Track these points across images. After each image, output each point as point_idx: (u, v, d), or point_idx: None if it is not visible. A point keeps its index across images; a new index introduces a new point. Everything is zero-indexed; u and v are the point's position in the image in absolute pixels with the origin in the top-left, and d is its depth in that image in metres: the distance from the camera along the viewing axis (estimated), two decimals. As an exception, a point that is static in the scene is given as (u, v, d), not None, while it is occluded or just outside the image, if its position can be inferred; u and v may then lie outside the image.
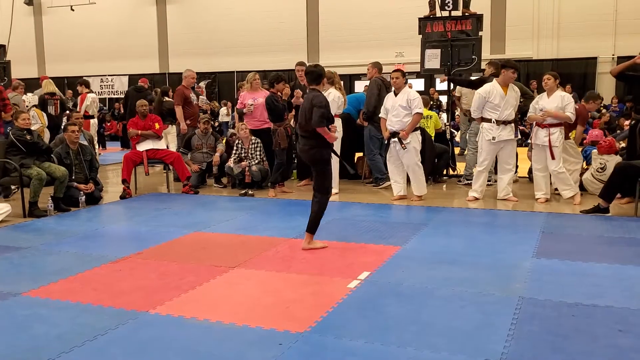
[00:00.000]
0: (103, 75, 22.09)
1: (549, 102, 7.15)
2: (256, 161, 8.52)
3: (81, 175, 7.58)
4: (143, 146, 8.55)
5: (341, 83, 8.64)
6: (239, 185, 8.58)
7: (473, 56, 9.08)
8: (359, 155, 9.60)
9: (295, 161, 9.27)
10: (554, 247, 5.21)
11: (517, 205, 7.15)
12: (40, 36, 23.34)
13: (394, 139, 7.38)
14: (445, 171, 9.47)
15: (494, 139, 7.23)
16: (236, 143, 8.72)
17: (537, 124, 7.22)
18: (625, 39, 16.00)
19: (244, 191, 8.20)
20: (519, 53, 17.22)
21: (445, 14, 9.46)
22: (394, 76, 7.49)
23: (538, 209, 6.93)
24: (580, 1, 16.66)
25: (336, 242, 5.44)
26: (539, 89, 13.88)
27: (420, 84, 18.32)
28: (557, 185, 7.29)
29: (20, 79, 11.37)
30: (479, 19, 9.44)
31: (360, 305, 3.87)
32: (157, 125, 8.78)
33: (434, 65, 9.37)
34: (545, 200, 7.27)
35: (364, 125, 8.65)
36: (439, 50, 9.32)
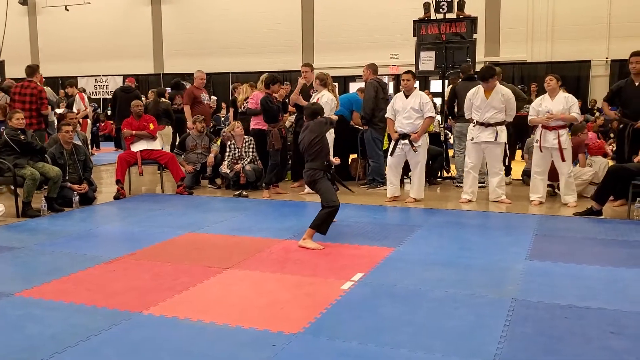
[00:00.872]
0: (97, 76, 22.02)
1: (553, 105, 7.14)
2: (249, 159, 8.52)
3: (75, 175, 7.56)
4: (137, 147, 8.53)
5: (334, 85, 8.64)
6: (233, 186, 8.58)
7: (467, 58, 9.11)
8: (353, 157, 9.61)
9: (290, 162, 9.27)
10: (547, 249, 5.23)
11: (511, 208, 7.18)
12: (34, 36, 23.24)
13: (404, 141, 7.41)
14: (439, 173, 9.49)
15: (472, 139, 7.36)
16: (229, 144, 8.71)
17: (544, 127, 7.20)
18: (619, 42, 16.07)
19: (238, 192, 8.19)
20: (513, 56, 17.30)
21: (440, 16, 9.49)
22: (405, 78, 7.55)
23: (531, 211, 6.95)
24: (575, 4, 16.73)
25: (330, 244, 5.44)
26: (539, 91, 13.95)
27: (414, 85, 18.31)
28: (564, 189, 7.23)
29: (13, 79, 11.34)
30: (473, 21, 9.48)
31: (353, 306, 3.87)
32: (152, 126, 8.76)
33: (428, 68, 9.40)
34: (539, 202, 7.29)
35: (361, 128, 8.66)
36: (434, 52, 9.35)
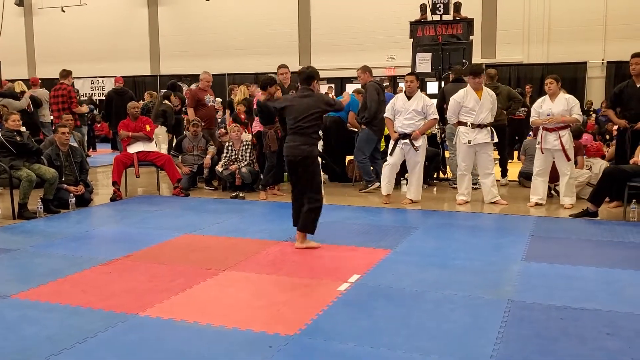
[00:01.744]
0: (94, 77, 21.99)
1: (554, 106, 7.13)
2: (245, 162, 8.52)
3: (71, 177, 7.54)
4: (134, 148, 8.52)
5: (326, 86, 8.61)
6: (230, 188, 8.58)
7: (464, 60, 9.13)
8: (350, 158, 9.60)
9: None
10: (543, 251, 5.24)
11: (507, 209, 7.19)
12: (30, 37, 23.22)
13: (405, 141, 7.43)
14: (435, 174, 9.50)
15: (469, 142, 7.33)
16: (226, 146, 8.71)
17: (545, 129, 7.19)
18: (615, 44, 16.13)
19: (234, 194, 8.19)
20: (509, 57, 17.35)
21: (437, 18, 9.51)
22: (409, 80, 7.55)
23: (527, 213, 6.96)
24: (571, 6, 16.78)
25: (326, 245, 5.45)
26: (534, 93, 13.99)
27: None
28: (563, 191, 7.23)
29: (10, 80, 11.34)
30: (469, 23, 9.51)
31: (350, 308, 3.87)
32: (148, 127, 8.75)
33: (425, 69, 9.43)
34: (535, 204, 7.30)
35: (358, 128, 8.65)
36: (430, 54, 9.38)
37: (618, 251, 5.29)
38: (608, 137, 12.94)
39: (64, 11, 20.89)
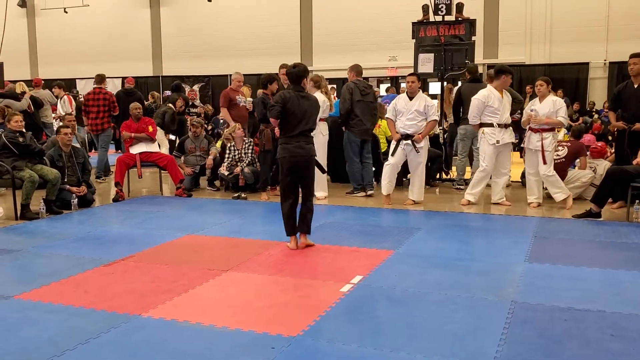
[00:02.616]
0: (96, 78, 21.98)
1: (541, 108, 7.19)
2: (248, 159, 8.52)
3: (73, 177, 7.55)
4: (136, 149, 8.53)
5: (328, 87, 8.59)
6: (232, 188, 8.57)
7: (466, 61, 9.12)
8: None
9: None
10: (546, 252, 5.23)
11: (510, 210, 7.18)
12: (33, 38, 23.23)
13: (406, 141, 7.41)
14: (438, 175, 9.49)
15: (498, 142, 7.27)
16: (229, 146, 8.70)
17: (531, 129, 7.26)
18: (617, 44, 16.09)
19: (237, 194, 8.19)
20: (511, 58, 17.29)
21: (439, 18, 9.49)
22: (410, 80, 7.54)
23: (531, 214, 6.95)
24: (573, 6, 16.75)
25: (329, 246, 5.44)
26: (534, 94, 13.93)
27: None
28: (549, 188, 7.32)
29: (12, 81, 11.35)
30: (472, 23, 9.49)
31: (352, 309, 3.86)
32: (151, 128, 8.76)
33: (427, 70, 9.40)
34: (538, 204, 7.30)
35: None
36: (433, 54, 9.35)
37: (622, 252, 5.28)
38: (610, 138, 12.90)
39: (67, 12, 20.89)
